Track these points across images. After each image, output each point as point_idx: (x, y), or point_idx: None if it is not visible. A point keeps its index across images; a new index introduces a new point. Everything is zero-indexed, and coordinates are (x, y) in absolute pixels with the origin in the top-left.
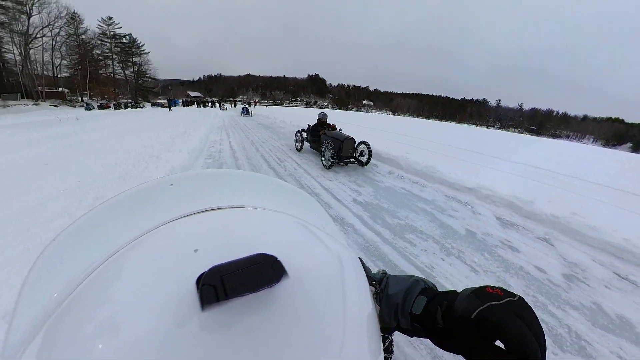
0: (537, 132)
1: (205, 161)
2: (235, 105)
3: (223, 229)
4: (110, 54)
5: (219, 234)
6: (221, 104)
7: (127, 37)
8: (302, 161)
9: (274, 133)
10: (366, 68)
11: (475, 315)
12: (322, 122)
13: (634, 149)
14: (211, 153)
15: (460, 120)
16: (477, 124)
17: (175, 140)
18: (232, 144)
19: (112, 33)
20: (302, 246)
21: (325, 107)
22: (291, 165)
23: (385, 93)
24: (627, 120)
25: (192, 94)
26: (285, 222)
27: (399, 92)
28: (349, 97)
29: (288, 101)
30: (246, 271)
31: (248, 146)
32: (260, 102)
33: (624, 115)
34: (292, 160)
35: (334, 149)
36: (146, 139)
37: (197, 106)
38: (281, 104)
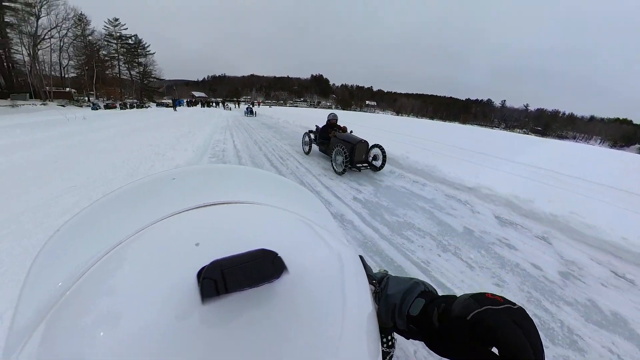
0: (543, 133)
1: (209, 160)
2: (239, 106)
3: (225, 223)
4: (117, 55)
5: (221, 228)
6: (225, 104)
7: (133, 38)
8: (304, 160)
9: (277, 133)
10: (370, 68)
11: (471, 316)
12: (332, 124)
13: None
14: (215, 152)
15: (464, 121)
16: (482, 125)
17: (180, 139)
18: (236, 143)
19: (119, 34)
20: (303, 243)
21: (329, 108)
22: (293, 164)
23: (388, 93)
24: (636, 121)
25: (197, 94)
26: (287, 219)
27: (402, 93)
28: (353, 98)
29: (291, 101)
30: (247, 266)
31: (251, 145)
32: (263, 102)
33: (632, 116)
34: (295, 159)
35: (346, 153)
36: (152, 139)
37: (202, 106)
38: (285, 104)
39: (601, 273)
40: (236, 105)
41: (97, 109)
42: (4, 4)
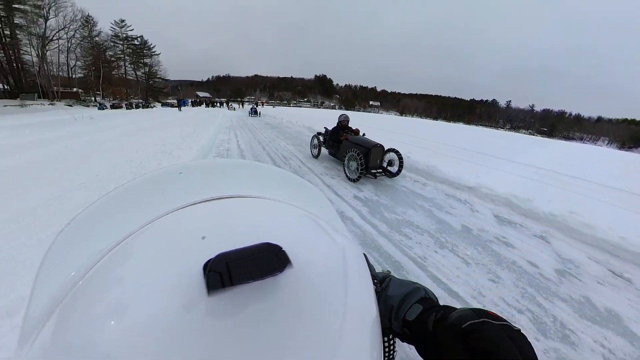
0: (549, 134)
1: (214, 158)
2: (243, 106)
3: (230, 217)
4: (123, 56)
5: (226, 222)
6: (229, 104)
7: (139, 39)
8: (307, 160)
9: (281, 133)
10: (373, 68)
11: (466, 325)
12: (344, 126)
13: None
14: (220, 151)
15: (469, 122)
16: (487, 126)
17: (185, 139)
18: (240, 143)
19: (125, 35)
20: (307, 238)
21: (332, 108)
22: (296, 164)
23: (392, 93)
24: None
25: (201, 94)
26: (292, 213)
27: (406, 93)
28: (356, 98)
29: (295, 102)
30: (251, 259)
31: (255, 145)
32: (267, 103)
33: None
34: (297, 159)
35: (361, 158)
36: (158, 138)
37: (206, 106)
38: (288, 104)
39: (598, 271)
40: (240, 105)
41: (104, 109)
42: (13, 6)
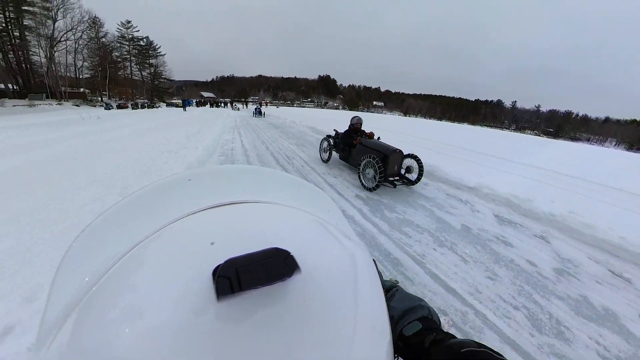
0: (555, 135)
1: (218, 158)
2: (247, 106)
3: (239, 222)
4: (128, 56)
5: (235, 227)
6: (233, 104)
7: (144, 40)
8: (310, 159)
9: (284, 133)
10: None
11: (465, 351)
12: (357, 129)
13: None
14: (224, 151)
15: (473, 122)
16: (492, 126)
17: (190, 139)
18: (244, 143)
19: (131, 36)
20: (316, 242)
21: (336, 108)
22: (299, 163)
23: (396, 94)
24: None
25: (205, 94)
26: (300, 218)
27: (410, 93)
28: (360, 98)
29: (299, 102)
30: (260, 264)
31: (259, 145)
32: (271, 103)
33: None
34: (300, 158)
35: (380, 165)
36: (164, 137)
37: (210, 106)
38: (292, 104)
39: (597, 271)
40: (244, 105)
41: (110, 109)
42: (23, 8)
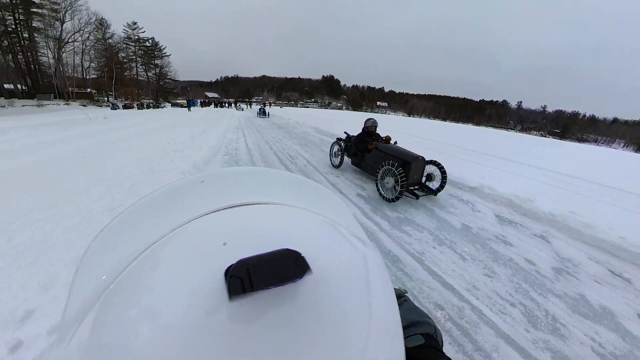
0: (562, 136)
1: (222, 157)
2: (251, 106)
3: (250, 223)
4: (134, 57)
5: (246, 228)
6: (237, 104)
7: (150, 41)
8: (313, 159)
9: (287, 133)
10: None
11: None
12: (371, 132)
13: None
14: (228, 150)
15: (478, 123)
16: (497, 127)
17: (195, 138)
18: (248, 142)
19: (136, 37)
20: (327, 244)
21: (339, 109)
22: (302, 162)
23: (400, 94)
24: None
25: (210, 94)
26: (310, 219)
27: (414, 93)
28: (364, 99)
29: (302, 102)
30: (271, 265)
31: (263, 145)
32: (274, 103)
33: None
34: (303, 158)
35: (402, 173)
36: (169, 137)
37: (215, 107)
38: (295, 104)
39: (597, 271)
40: (248, 105)
41: (116, 109)
42: (32, 10)
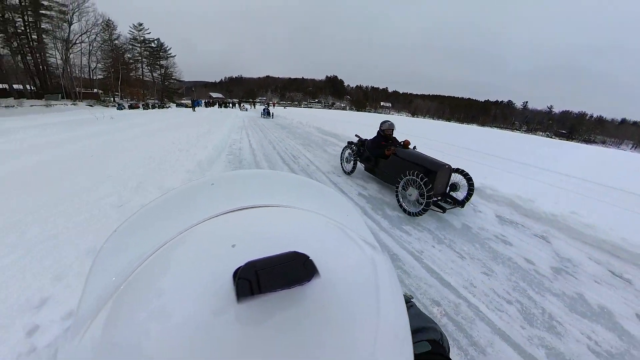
0: (568, 137)
1: (227, 157)
2: (255, 107)
3: (259, 226)
4: (140, 58)
5: (255, 230)
6: (241, 104)
7: (156, 42)
8: (315, 158)
9: (291, 133)
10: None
11: None
12: (388, 136)
13: None
14: (232, 150)
15: (483, 123)
16: (502, 127)
17: (200, 138)
18: (252, 142)
19: (142, 38)
20: (335, 247)
21: (343, 109)
22: (304, 162)
23: (404, 94)
24: None
25: (214, 95)
26: (319, 222)
27: (418, 94)
28: (367, 99)
29: (306, 102)
30: (279, 268)
31: (266, 145)
32: (278, 103)
33: None
34: (306, 157)
35: (428, 184)
36: (174, 137)
37: (219, 107)
38: (299, 105)
39: (597, 271)
40: (252, 106)
41: (122, 109)
42: (41, 12)
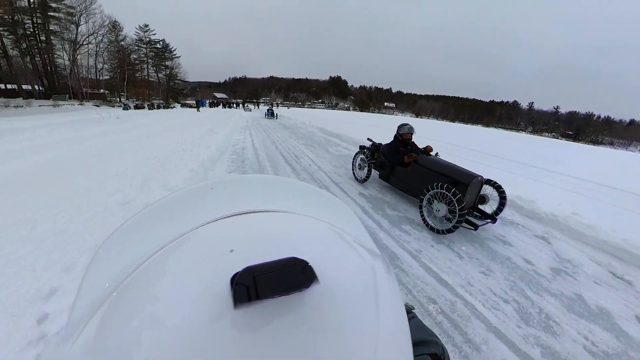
0: (575, 138)
1: (230, 156)
2: (259, 107)
3: (258, 231)
4: (146, 59)
5: (254, 236)
6: (245, 105)
7: (161, 43)
8: (317, 158)
9: (294, 133)
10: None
11: None
12: (406, 140)
13: None
14: (235, 150)
15: (488, 124)
16: (507, 128)
17: (204, 138)
18: (254, 142)
19: (148, 39)
20: (335, 253)
21: (347, 109)
22: (306, 162)
23: (408, 95)
24: None
25: (218, 95)
26: (318, 228)
27: (422, 94)
28: (371, 99)
29: (309, 103)
30: (278, 273)
31: (269, 145)
32: (282, 104)
33: None
34: (308, 157)
35: (462, 201)
36: (179, 137)
37: (223, 107)
38: (303, 105)
39: (597, 272)
40: (256, 106)
41: (128, 109)
42: (49, 13)
